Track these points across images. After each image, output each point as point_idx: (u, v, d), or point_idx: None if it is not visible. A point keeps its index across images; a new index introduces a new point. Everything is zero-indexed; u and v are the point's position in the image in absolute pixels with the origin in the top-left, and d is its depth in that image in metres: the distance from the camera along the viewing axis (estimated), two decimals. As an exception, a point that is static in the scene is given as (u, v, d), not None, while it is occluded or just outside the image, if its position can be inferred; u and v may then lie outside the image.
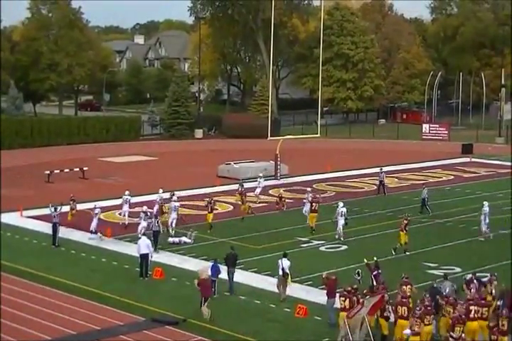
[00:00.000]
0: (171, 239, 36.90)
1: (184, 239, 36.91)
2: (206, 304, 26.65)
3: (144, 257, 31.24)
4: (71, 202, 40.01)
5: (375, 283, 26.88)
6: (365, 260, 28.59)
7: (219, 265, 29.24)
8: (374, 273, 27.53)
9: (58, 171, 54.85)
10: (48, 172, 54.06)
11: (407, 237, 35.04)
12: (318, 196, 41.86)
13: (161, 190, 42.08)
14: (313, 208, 39.18)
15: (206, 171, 56.69)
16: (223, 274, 29.36)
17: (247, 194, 45.15)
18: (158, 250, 34.43)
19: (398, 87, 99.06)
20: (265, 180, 49.30)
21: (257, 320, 26.65)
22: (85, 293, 29.36)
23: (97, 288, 29.89)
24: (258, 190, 47.08)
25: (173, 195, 40.85)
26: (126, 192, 41.31)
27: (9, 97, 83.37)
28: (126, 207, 40.66)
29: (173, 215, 38.53)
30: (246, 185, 46.80)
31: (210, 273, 28.31)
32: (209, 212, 39.33)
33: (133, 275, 31.60)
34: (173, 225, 38.31)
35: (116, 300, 28.57)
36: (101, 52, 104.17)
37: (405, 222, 35.20)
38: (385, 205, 45.68)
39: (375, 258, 28.42)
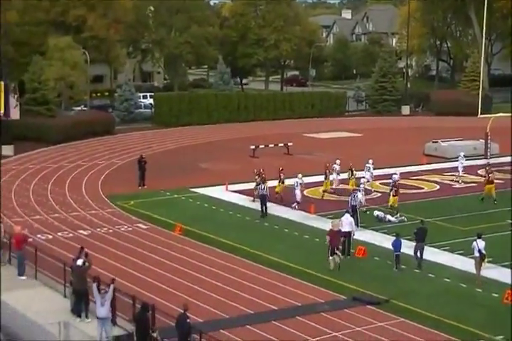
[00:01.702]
0: (376, 212, 36.55)
1: (389, 217, 36.22)
2: (334, 256, 28.58)
3: (347, 235, 30.75)
4: (256, 177, 39.64)
5: None
6: None
7: (401, 239, 29.29)
8: None
9: (263, 146, 55.28)
10: (253, 147, 54.59)
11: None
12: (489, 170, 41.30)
13: (370, 161, 43.00)
14: (489, 179, 39.84)
15: (412, 149, 55.45)
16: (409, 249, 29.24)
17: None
18: (359, 226, 33.73)
19: None
20: (473, 159, 47.55)
21: (462, 304, 25.64)
22: (286, 268, 29.30)
23: (298, 264, 29.75)
24: (460, 170, 45.62)
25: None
26: (337, 161, 42.94)
27: (217, 72, 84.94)
28: (334, 176, 42.32)
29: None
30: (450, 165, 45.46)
31: (392, 247, 29.24)
32: (393, 196, 37.36)
33: (335, 252, 31.24)
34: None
35: (317, 277, 28.32)
36: (308, 27, 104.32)
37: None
38: None
39: None
